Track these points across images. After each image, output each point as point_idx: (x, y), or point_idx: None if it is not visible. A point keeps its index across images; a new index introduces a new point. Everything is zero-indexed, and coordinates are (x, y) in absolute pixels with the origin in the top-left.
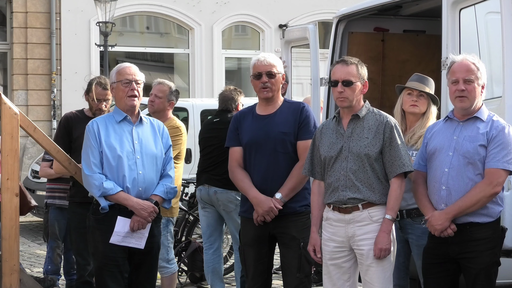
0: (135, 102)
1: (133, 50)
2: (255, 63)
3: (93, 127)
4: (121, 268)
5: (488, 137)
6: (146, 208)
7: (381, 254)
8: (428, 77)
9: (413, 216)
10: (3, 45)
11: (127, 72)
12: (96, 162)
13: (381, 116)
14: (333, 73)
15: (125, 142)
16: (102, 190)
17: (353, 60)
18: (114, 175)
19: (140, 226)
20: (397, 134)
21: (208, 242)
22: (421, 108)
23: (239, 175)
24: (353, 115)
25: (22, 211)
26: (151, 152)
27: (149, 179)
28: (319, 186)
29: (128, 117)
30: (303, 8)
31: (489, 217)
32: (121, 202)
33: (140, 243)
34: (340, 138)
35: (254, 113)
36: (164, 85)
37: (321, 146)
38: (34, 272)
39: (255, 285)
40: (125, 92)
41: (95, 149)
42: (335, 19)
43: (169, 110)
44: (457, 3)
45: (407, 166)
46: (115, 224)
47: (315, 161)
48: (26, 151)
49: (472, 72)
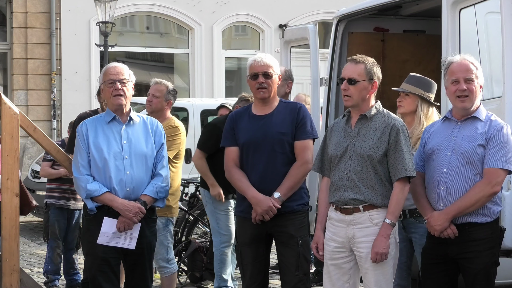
0: (120, 101)
1: (133, 50)
2: (252, 64)
3: (81, 129)
4: (115, 268)
5: (486, 136)
6: (131, 209)
7: (378, 258)
8: (423, 79)
9: (416, 216)
10: (3, 45)
11: (111, 72)
12: (84, 163)
13: (389, 118)
14: (343, 70)
15: (113, 142)
16: (87, 192)
17: (364, 59)
18: (101, 176)
19: (126, 227)
20: (403, 137)
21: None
22: (407, 108)
23: (237, 174)
24: (361, 115)
25: (24, 211)
26: (141, 151)
27: (137, 179)
28: (327, 183)
29: (117, 117)
30: (303, 8)
31: (488, 217)
32: (107, 203)
33: (130, 244)
34: (347, 137)
35: (250, 113)
36: (161, 85)
37: (329, 144)
38: (34, 272)
39: (253, 284)
40: (110, 92)
41: (83, 151)
42: (335, 19)
43: (167, 109)
44: (457, 3)
45: (409, 171)
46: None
47: (325, 159)
48: (26, 151)
49: (471, 71)
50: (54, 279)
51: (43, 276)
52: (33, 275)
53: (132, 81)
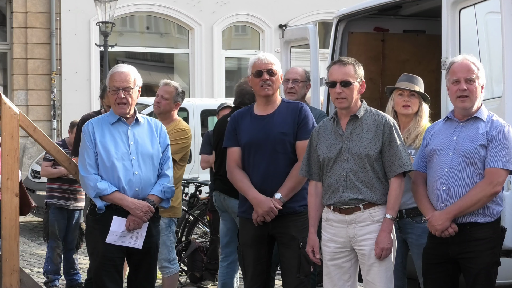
0: (123, 110)
1: (133, 50)
2: (255, 62)
3: (88, 129)
4: (119, 268)
5: (488, 136)
6: (141, 208)
7: (383, 253)
8: (416, 76)
9: (412, 216)
10: (3, 45)
11: (116, 79)
12: (91, 163)
13: (380, 116)
14: (330, 74)
15: (120, 143)
16: (97, 191)
17: (350, 60)
18: (109, 176)
19: (136, 226)
20: (396, 133)
21: (224, 253)
22: (413, 108)
23: (238, 175)
24: (351, 115)
25: (24, 211)
26: (147, 152)
27: (145, 179)
28: (316, 187)
29: (122, 119)
30: (303, 8)
31: (489, 217)
32: (116, 202)
33: (137, 243)
34: (339, 139)
35: (252, 113)
36: (170, 86)
37: (319, 147)
38: (34, 272)
39: (254, 285)
40: (113, 99)
41: (90, 150)
42: (335, 19)
43: (174, 111)
44: (457, 3)
45: (406, 165)
46: (111, 223)
47: (312, 162)
48: (26, 151)
49: (473, 71)
50: (54, 279)
51: (43, 276)
52: (33, 275)
53: (139, 85)
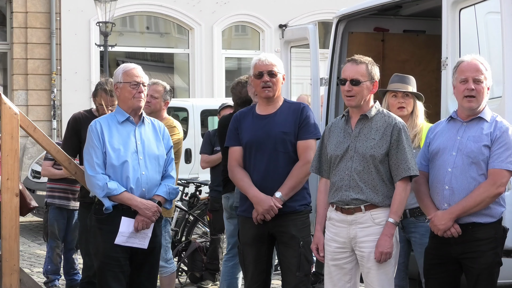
0: (140, 103)
1: (133, 50)
2: (256, 63)
3: (96, 127)
4: (123, 268)
5: (492, 137)
6: (150, 208)
7: (382, 257)
8: (408, 75)
9: (416, 215)
10: (3, 45)
11: (135, 74)
12: (100, 162)
13: (390, 118)
14: (343, 71)
15: (128, 143)
16: (107, 191)
17: (364, 59)
18: (117, 176)
19: (145, 226)
20: (405, 137)
21: (230, 254)
22: (408, 109)
23: (239, 174)
24: (361, 115)
25: (21, 212)
26: (154, 152)
27: (152, 180)
28: (325, 184)
29: (131, 118)
30: (303, 8)
31: (492, 217)
32: (125, 202)
33: (143, 243)
34: (347, 138)
35: (254, 113)
36: (159, 85)
37: (328, 144)
38: (34, 272)
39: (254, 284)
40: (132, 94)
41: (98, 150)
42: (335, 19)
43: (164, 109)
44: (457, 3)
45: (412, 170)
46: (120, 224)
47: (323, 159)
48: (26, 151)
49: (481, 72)
50: (54, 279)
51: (43, 276)
52: (33, 275)
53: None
